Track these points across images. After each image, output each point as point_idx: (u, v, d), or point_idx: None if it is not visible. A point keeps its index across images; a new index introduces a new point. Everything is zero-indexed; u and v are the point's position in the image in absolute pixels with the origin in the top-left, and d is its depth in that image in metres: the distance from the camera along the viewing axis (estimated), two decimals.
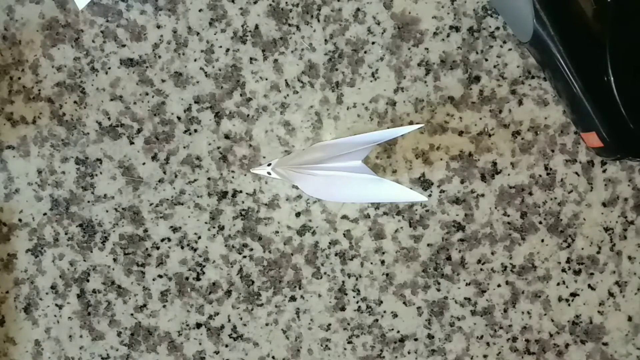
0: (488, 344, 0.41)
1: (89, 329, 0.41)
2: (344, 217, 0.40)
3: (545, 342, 0.41)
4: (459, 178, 0.40)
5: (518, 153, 0.40)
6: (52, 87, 0.39)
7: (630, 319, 0.41)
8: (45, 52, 0.39)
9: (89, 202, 0.40)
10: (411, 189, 0.36)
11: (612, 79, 0.35)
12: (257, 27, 0.39)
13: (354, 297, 0.41)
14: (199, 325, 0.40)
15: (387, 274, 0.41)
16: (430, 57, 0.39)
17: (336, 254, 0.40)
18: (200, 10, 0.39)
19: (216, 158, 0.40)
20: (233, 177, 0.40)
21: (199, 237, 0.40)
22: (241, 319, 0.41)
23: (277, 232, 0.40)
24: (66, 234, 0.40)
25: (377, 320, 0.41)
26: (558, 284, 0.40)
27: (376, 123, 0.40)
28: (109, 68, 0.39)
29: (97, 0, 0.39)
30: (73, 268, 0.40)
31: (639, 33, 0.35)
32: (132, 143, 0.40)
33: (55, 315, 0.41)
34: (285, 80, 0.39)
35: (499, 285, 0.40)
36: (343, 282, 0.41)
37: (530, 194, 0.40)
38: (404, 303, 0.41)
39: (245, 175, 0.40)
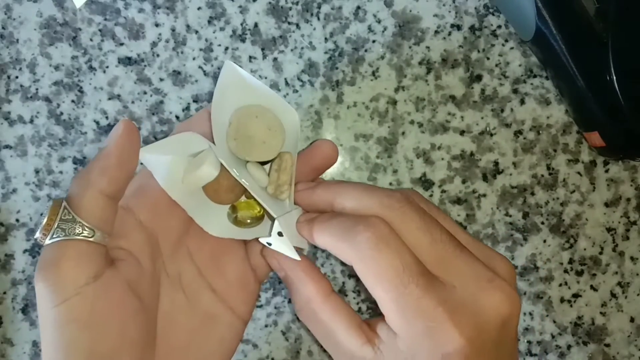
0: None
1: None
2: None
3: (547, 344, 0.40)
4: (461, 178, 0.40)
5: (520, 153, 0.40)
6: (49, 86, 0.39)
7: (632, 320, 0.40)
8: (43, 51, 0.39)
9: None
10: None
11: (614, 77, 0.34)
12: (256, 25, 0.39)
13: (354, 298, 0.40)
14: None
15: None
16: (431, 56, 0.39)
17: None
18: (199, 9, 0.39)
19: None
20: None
21: None
22: None
23: None
24: None
25: None
26: (560, 285, 0.40)
27: (377, 122, 0.39)
28: (107, 67, 0.39)
29: None
30: None
31: None
32: None
33: None
34: (285, 79, 0.39)
35: None
36: (343, 283, 0.40)
37: (533, 194, 0.40)
38: None
39: None
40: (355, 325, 0.28)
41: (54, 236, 0.25)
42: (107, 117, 0.39)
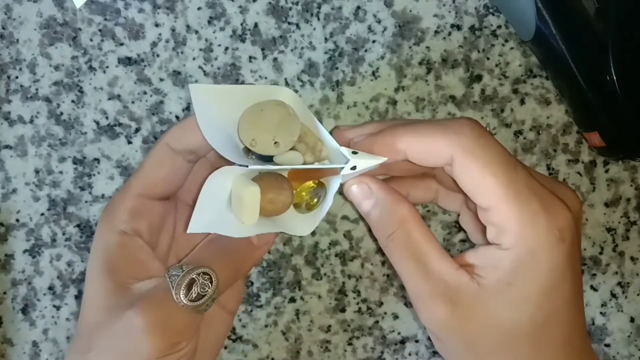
0: None
1: None
2: (344, 217, 0.40)
3: None
4: None
5: (520, 153, 0.40)
6: (49, 86, 0.39)
7: (632, 320, 0.40)
8: (43, 51, 0.39)
9: (86, 202, 0.40)
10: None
11: (614, 78, 0.34)
12: (256, 25, 0.39)
13: (354, 298, 0.40)
14: None
15: (387, 275, 0.40)
16: (431, 56, 0.39)
17: (336, 255, 0.40)
18: (199, 9, 0.39)
19: None
20: None
21: None
22: (240, 320, 0.40)
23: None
24: (64, 234, 0.40)
25: (377, 321, 0.40)
26: None
27: None
28: (107, 67, 0.39)
29: None
30: (71, 269, 0.40)
31: None
32: (130, 142, 0.39)
33: (53, 317, 0.40)
34: (285, 79, 0.39)
35: None
36: (343, 283, 0.40)
37: None
38: (405, 304, 0.40)
39: None
40: (446, 252, 0.29)
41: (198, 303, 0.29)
42: (107, 117, 0.39)
